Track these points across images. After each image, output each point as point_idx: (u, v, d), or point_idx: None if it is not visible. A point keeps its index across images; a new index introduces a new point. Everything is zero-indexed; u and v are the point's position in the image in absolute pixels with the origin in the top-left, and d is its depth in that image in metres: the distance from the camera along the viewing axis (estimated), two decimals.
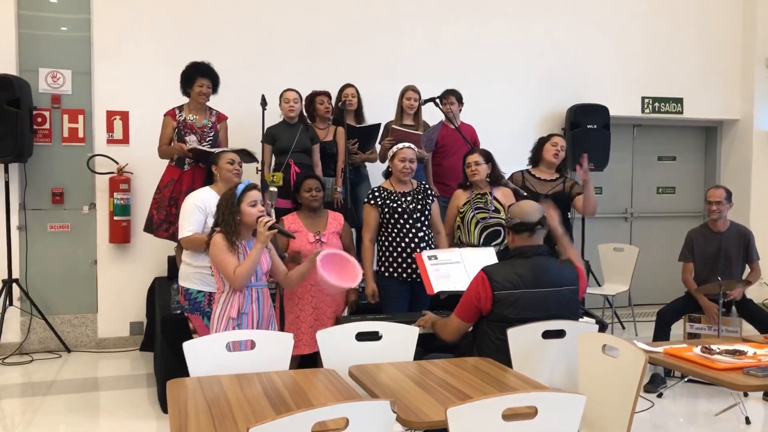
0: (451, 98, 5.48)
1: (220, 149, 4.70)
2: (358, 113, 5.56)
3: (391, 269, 4.33)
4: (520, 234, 3.25)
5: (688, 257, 5.27)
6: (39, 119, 5.73)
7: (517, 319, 3.05)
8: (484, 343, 3.15)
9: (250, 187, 3.44)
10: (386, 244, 4.36)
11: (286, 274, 3.65)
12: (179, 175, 5.01)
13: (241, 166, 4.16)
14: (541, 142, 4.96)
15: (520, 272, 3.13)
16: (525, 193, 4.54)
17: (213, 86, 5.12)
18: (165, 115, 5.08)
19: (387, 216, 4.33)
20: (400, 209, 4.32)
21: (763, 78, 7.45)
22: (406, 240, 4.32)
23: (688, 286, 5.21)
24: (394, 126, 5.07)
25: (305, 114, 5.30)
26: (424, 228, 4.37)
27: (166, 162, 5.14)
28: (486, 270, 3.17)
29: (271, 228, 3.33)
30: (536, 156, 4.95)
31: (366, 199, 4.41)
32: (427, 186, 4.53)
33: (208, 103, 5.15)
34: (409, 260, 4.29)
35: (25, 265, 5.73)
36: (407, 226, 4.32)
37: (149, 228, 5.14)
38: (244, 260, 3.34)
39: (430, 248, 4.35)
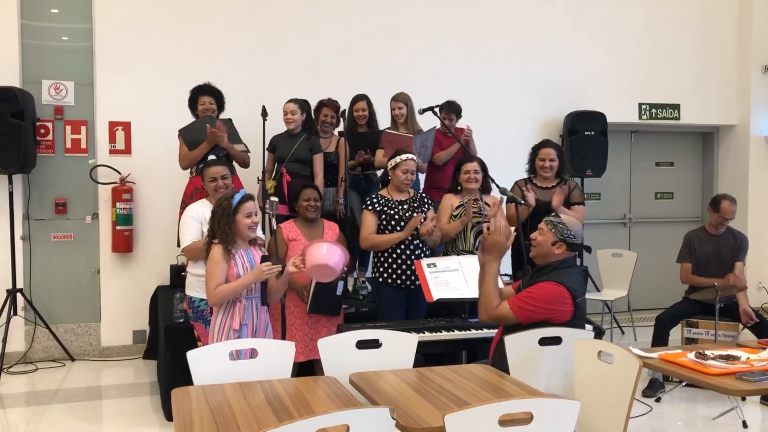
0: (451, 115, 5.54)
1: (202, 119, 4.92)
2: (371, 124, 5.54)
3: (385, 275, 4.40)
4: (570, 250, 3.28)
5: (686, 258, 5.27)
6: (42, 130, 5.79)
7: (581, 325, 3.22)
8: None
9: (246, 198, 3.46)
10: (382, 250, 4.42)
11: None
12: (201, 183, 5.04)
13: (225, 179, 4.12)
14: (533, 153, 5.07)
15: (578, 280, 3.23)
16: (522, 202, 4.60)
17: (217, 102, 5.22)
18: (179, 136, 5.11)
19: (384, 222, 4.41)
20: (397, 216, 4.41)
21: (759, 84, 7.52)
22: (401, 247, 4.39)
23: (691, 282, 5.19)
24: (387, 130, 5.12)
25: (314, 124, 5.32)
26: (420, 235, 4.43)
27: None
28: (560, 282, 3.15)
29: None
30: (532, 166, 5.08)
31: (364, 206, 4.50)
32: (423, 195, 4.61)
33: None
34: (404, 266, 4.37)
35: (29, 274, 5.78)
36: None
37: None
38: (230, 283, 3.36)
39: (425, 255, 4.42)
